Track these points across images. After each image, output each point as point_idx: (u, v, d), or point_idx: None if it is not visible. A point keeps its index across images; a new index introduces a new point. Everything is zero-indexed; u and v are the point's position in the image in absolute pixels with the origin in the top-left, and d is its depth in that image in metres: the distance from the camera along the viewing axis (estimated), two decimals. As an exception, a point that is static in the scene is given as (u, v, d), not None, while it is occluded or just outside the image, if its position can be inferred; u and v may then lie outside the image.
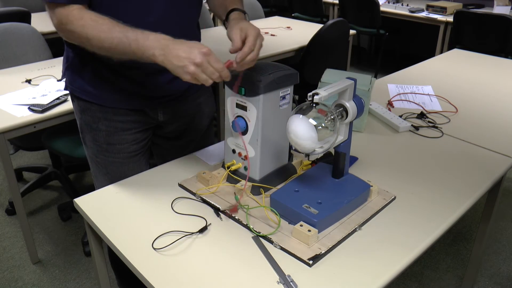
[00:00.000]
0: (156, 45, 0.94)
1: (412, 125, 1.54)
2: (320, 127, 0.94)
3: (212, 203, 1.09)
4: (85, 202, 1.11)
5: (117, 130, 1.29)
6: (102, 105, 1.25)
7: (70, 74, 1.26)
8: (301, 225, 0.97)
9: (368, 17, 4.32)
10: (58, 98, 1.86)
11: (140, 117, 1.29)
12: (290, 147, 1.20)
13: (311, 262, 0.91)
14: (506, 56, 3.39)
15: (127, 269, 0.94)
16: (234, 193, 1.11)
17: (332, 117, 0.97)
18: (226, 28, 1.15)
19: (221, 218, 1.05)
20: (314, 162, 1.22)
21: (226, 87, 1.10)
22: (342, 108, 1.01)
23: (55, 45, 2.80)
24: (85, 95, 1.25)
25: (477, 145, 1.43)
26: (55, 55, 2.60)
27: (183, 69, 0.92)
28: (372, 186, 1.11)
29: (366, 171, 1.25)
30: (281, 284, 0.86)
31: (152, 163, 1.39)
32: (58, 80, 1.49)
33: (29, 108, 1.79)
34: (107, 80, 1.22)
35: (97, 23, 1.01)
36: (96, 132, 1.29)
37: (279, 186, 1.13)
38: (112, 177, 1.31)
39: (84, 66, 1.21)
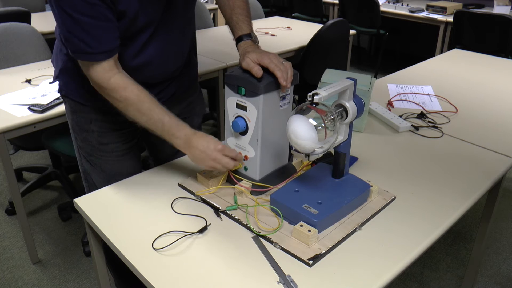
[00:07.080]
0: (182, 138, 1.11)
1: (412, 125, 1.54)
2: (320, 127, 0.94)
3: (212, 203, 1.09)
4: (85, 202, 1.11)
5: (109, 130, 1.31)
6: (95, 106, 1.27)
7: (65, 77, 1.27)
8: (301, 225, 0.97)
9: (368, 17, 4.32)
10: (58, 98, 1.85)
11: None
12: (290, 147, 1.20)
13: (311, 262, 0.91)
14: (506, 56, 3.39)
15: (125, 269, 0.94)
16: (234, 193, 1.11)
17: (332, 117, 0.97)
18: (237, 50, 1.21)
19: (221, 218, 1.05)
20: (314, 162, 1.22)
21: (226, 87, 1.11)
22: (342, 108, 1.01)
23: (55, 45, 2.80)
24: (79, 97, 1.27)
25: (477, 145, 1.43)
26: (55, 55, 2.60)
27: (202, 161, 1.10)
28: (372, 186, 1.11)
29: (366, 171, 1.25)
30: (281, 284, 0.86)
31: (146, 161, 1.40)
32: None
33: (29, 108, 1.79)
34: None
35: (139, 98, 1.10)
36: (89, 133, 1.31)
37: (279, 186, 1.13)
38: (108, 175, 1.33)
39: (79, 69, 1.22)
